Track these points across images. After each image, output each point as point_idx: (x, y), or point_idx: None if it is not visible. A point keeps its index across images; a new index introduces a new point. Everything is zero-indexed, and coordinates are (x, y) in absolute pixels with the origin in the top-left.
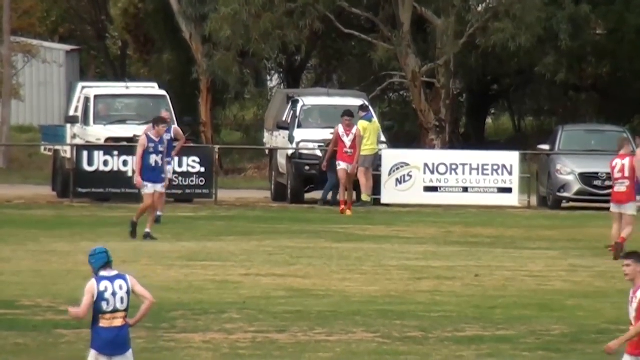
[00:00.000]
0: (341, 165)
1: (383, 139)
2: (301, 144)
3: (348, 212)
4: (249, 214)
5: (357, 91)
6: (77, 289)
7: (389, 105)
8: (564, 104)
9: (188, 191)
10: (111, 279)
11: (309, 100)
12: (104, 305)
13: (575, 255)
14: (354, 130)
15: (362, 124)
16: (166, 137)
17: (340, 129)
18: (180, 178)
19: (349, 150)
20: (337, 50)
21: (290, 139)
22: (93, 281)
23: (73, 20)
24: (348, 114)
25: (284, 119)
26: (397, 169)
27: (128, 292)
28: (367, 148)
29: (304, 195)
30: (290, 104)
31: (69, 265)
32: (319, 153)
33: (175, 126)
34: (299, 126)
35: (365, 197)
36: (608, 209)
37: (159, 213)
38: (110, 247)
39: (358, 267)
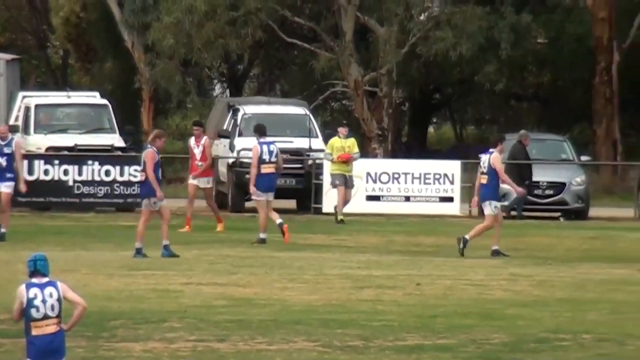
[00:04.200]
0: (191, 180)
1: (324, 147)
2: (242, 153)
3: (186, 229)
4: (195, 222)
5: (299, 100)
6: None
7: (331, 114)
8: (505, 112)
9: (129, 200)
10: (41, 286)
11: (249, 109)
12: (33, 312)
13: (516, 264)
14: (203, 141)
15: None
16: (7, 150)
17: (192, 140)
18: (121, 187)
19: (200, 163)
20: (279, 59)
21: (231, 147)
22: (22, 287)
23: (14, 29)
24: (197, 124)
25: (224, 127)
26: None
27: (59, 299)
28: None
29: (245, 204)
30: (231, 112)
31: (8, 274)
32: None
33: (16, 139)
34: (240, 135)
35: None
36: (549, 218)
37: (2, 230)
38: (51, 256)
39: (299, 276)
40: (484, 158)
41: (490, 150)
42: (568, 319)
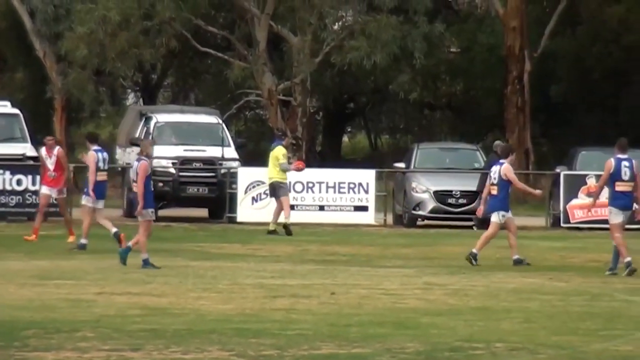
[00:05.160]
0: (43, 190)
1: (236, 156)
2: (154, 161)
3: (32, 237)
4: (104, 232)
5: (211, 108)
6: None
7: (245, 124)
8: (419, 122)
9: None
10: None
11: (162, 117)
12: None
13: (430, 273)
14: (56, 151)
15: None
16: None
17: (43, 151)
18: (34, 196)
19: (53, 174)
20: (193, 68)
21: None
22: None
23: None
24: (49, 136)
25: (136, 135)
26: (253, 187)
27: None
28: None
29: (157, 212)
30: (143, 120)
31: None
32: (172, 170)
33: None
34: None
35: (275, 226)
36: (462, 226)
37: None
38: None
39: (214, 286)
40: (494, 169)
41: (501, 161)
42: (481, 328)
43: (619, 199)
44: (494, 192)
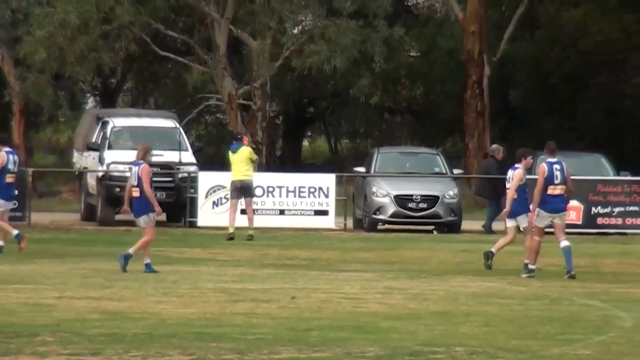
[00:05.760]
0: None
1: (194, 160)
2: (111, 166)
3: None
4: (63, 236)
5: (168, 112)
6: None
7: (205, 128)
8: (379, 126)
9: None
10: None
11: (119, 122)
12: None
13: (390, 277)
14: None
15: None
16: None
17: None
18: None
19: None
20: (153, 72)
21: (101, 160)
22: None
23: None
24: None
25: (93, 139)
26: (214, 191)
27: None
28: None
29: (114, 217)
30: (100, 124)
31: None
32: (129, 174)
33: None
34: (110, 147)
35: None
36: (423, 231)
37: None
38: None
39: (174, 290)
40: (510, 174)
41: (516, 165)
42: (441, 332)
43: (550, 202)
44: (515, 196)
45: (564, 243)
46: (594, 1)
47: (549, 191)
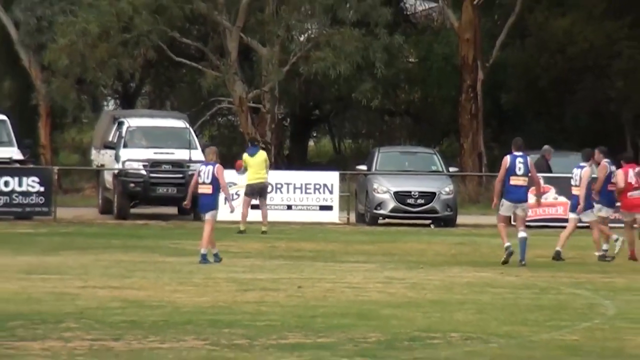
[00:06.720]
0: None
1: (203, 158)
2: (127, 164)
3: None
4: (86, 230)
5: (179, 113)
6: None
7: (218, 129)
8: (380, 127)
9: (28, 209)
10: None
11: (133, 122)
12: None
13: (390, 268)
14: None
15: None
16: None
17: None
18: (20, 197)
19: None
20: (169, 77)
21: (117, 157)
22: None
23: None
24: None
25: (110, 139)
26: None
27: None
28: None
29: (130, 210)
30: (116, 125)
31: None
32: (143, 172)
33: None
34: (125, 146)
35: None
36: (421, 225)
37: None
38: None
39: (189, 280)
40: (576, 172)
41: (581, 164)
42: (438, 319)
43: (512, 192)
44: (576, 192)
45: (522, 234)
46: (580, 11)
47: (512, 182)
